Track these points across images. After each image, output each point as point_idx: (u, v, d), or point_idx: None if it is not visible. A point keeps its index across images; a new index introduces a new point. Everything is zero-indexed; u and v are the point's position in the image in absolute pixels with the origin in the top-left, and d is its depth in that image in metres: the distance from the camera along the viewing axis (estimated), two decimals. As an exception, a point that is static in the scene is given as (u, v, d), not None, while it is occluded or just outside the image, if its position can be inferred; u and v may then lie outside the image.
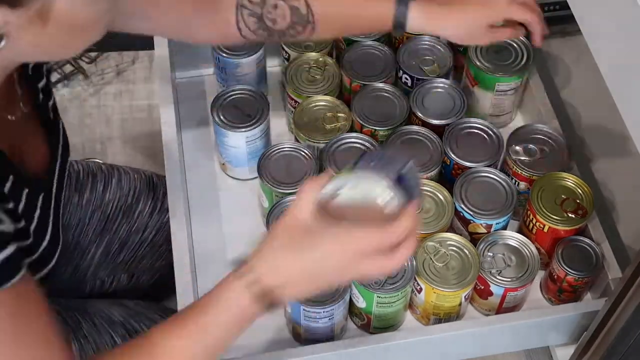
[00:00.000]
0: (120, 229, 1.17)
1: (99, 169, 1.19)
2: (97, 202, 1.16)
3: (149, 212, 1.19)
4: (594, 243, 1.05)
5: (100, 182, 1.17)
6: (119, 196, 1.17)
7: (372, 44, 1.20)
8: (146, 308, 1.12)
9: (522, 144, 1.09)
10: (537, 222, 1.05)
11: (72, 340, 1.03)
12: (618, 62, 0.71)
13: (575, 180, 1.07)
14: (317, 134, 1.13)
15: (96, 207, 1.15)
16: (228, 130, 1.12)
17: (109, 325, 1.06)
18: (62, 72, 1.68)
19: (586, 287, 1.06)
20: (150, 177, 1.22)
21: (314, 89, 1.17)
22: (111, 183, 1.18)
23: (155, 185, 1.21)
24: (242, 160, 1.16)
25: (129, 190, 1.18)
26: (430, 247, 1.02)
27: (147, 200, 1.19)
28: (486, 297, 1.05)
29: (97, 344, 1.04)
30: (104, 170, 1.19)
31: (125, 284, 1.19)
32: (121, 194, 1.18)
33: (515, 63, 1.17)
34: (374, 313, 1.02)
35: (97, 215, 1.15)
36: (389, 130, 1.12)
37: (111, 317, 1.08)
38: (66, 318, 1.05)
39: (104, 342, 1.04)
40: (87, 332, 1.05)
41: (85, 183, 1.16)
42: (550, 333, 1.06)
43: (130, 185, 1.19)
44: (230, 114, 1.13)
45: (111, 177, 1.19)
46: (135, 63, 1.72)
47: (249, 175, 1.19)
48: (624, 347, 0.87)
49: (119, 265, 1.18)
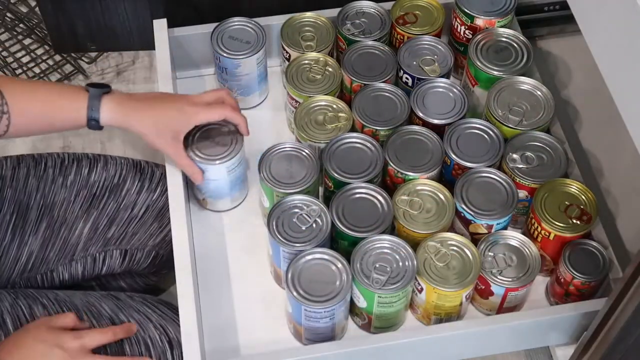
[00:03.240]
0: (108, 206, 1.17)
1: (85, 156, 1.20)
2: (82, 182, 1.16)
3: (137, 190, 1.19)
4: (601, 247, 1.05)
5: (85, 167, 1.18)
6: (104, 177, 1.18)
7: (372, 44, 1.20)
8: (138, 301, 1.12)
9: (519, 152, 1.09)
10: (542, 230, 1.04)
11: None
12: (618, 62, 0.71)
13: (578, 186, 1.06)
14: (318, 133, 1.13)
15: (81, 186, 1.16)
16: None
17: (96, 319, 1.06)
18: (62, 72, 1.68)
19: (593, 291, 1.05)
20: (138, 162, 1.23)
21: (314, 89, 1.17)
22: (97, 167, 1.18)
23: (142, 167, 1.21)
24: (224, 191, 1.15)
25: (115, 172, 1.19)
26: (431, 247, 1.02)
27: (135, 180, 1.19)
28: (487, 297, 1.05)
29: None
30: (90, 157, 1.20)
31: (120, 262, 1.19)
32: (107, 175, 1.18)
33: (515, 63, 1.17)
34: (375, 313, 1.02)
35: (82, 193, 1.16)
36: (390, 130, 1.12)
37: (100, 310, 1.07)
38: (52, 313, 1.05)
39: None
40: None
41: (69, 167, 1.17)
42: (550, 333, 1.06)
43: (117, 168, 1.19)
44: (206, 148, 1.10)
45: (97, 162, 1.19)
46: (135, 63, 1.72)
47: (231, 206, 1.18)
48: (624, 347, 0.87)
49: (110, 240, 1.17)
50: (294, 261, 1.00)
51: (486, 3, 1.21)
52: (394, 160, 1.09)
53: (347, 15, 1.23)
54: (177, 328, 1.07)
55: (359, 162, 1.09)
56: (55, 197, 1.15)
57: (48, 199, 1.14)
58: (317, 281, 0.99)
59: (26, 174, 1.15)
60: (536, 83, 1.14)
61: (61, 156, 1.19)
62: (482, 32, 1.19)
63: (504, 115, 1.12)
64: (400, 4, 1.25)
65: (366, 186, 1.06)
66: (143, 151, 1.60)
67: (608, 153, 1.20)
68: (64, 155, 1.19)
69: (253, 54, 1.19)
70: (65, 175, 1.17)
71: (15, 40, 1.72)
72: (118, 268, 1.19)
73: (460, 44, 1.24)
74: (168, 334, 1.07)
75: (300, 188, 1.06)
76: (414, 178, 1.08)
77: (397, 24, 1.23)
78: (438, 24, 1.23)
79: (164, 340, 1.06)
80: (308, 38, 1.23)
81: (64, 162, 1.18)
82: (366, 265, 1.00)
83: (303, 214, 1.04)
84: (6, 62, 1.69)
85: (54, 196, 1.15)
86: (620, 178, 1.17)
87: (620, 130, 0.75)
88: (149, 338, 1.06)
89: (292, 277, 0.99)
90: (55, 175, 1.16)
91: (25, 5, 1.75)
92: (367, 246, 1.01)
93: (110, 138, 1.62)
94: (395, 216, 1.05)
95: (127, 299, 1.12)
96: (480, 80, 1.18)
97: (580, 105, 1.27)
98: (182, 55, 1.27)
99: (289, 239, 1.02)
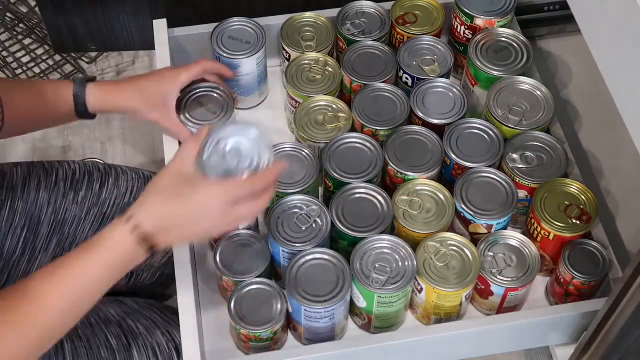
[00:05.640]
0: None
1: (96, 168, 1.19)
2: (93, 199, 1.16)
3: None
4: (601, 247, 1.05)
5: (96, 182, 1.17)
6: (115, 195, 1.18)
7: (372, 44, 1.20)
8: (145, 307, 1.12)
9: (519, 152, 1.09)
10: (542, 230, 1.05)
11: (65, 341, 1.03)
12: (618, 62, 0.71)
13: (577, 186, 1.06)
14: (318, 134, 1.13)
15: (92, 204, 1.16)
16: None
17: (104, 324, 1.06)
18: (62, 72, 1.68)
19: (593, 291, 1.05)
20: (148, 177, 1.22)
21: (314, 89, 1.17)
22: (108, 182, 1.18)
23: None
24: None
25: (127, 190, 1.19)
26: (431, 247, 1.02)
27: None
28: (487, 297, 1.05)
29: (91, 344, 1.04)
30: (101, 170, 1.19)
31: (125, 283, 1.19)
32: (118, 193, 1.18)
33: (515, 63, 1.17)
34: (375, 313, 1.02)
35: (93, 212, 1.15)
36: (390, 130, 1.12)
37: (108, 316, 1.07)
38: None
39: (98, 343, 1.04)
40: (82, 332, 1.05)
41: (81, 182, 1.17)
42: (550, 333, 1.06)
43: (128, 184, 1.19)
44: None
45: (108, 176, 1.19)
46: (135, 63, 1.72)
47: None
48: (624, 347, 0.87)
49: None
50: (294, 261, 1.00)
51: (486, 3, 1.21)
52: (393, 161, 1.09)
53: (347, 16, 1.23)
54: None
55: (358, 162, 1.09)
56: (66, 213, 1.14)
57: (59, 215, 1.13)
58: (317, 281, 0.99)
59: (37, 186, 1.13)
60: (536, 83, 1.14)
61: (72, 167, 1.18)
62: (482, 32, 1.19)
63: (504, 115, 1.12)
64: (400, 4, 1.25)
65: (366, 186, 1.06)
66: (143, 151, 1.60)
67: (608, 153, 1.20)
68: (75, 166, 1.18)
69: (253, 54, 1.19)
70: (77, 190, 1.16)
71: (15, 40, 1.72)
72: (123, 287, 1.19)
73: (460, 44, 1.24)
74: (175, 340, 1.07)
75: (300, 188, 1.06)
76: (414, 178, 1.08)
77: (397, 24, 1.23)
78: (438, 24, 1.23)
79: (171, 347, 1.06)
80: (308, 38, 1.23)
81: (75, 174, 1.17)
82: (366, 266, 1.00)
83: (303, 214, 1.04)
84: (6, 62, 1.69)
85: (65, 212, 1.14)
86: (620, 178, 1.17)
87: (620, 131, 0.75)
88: (156, 344, 1.05)
89: (292, 278, 0.99)
90: (66, 189, 1.15)
91: (25, 5, 1.75)
92: (367, 246, 1.01)
93: (110, 138, 1.63)
94: (395, 216, 1.05)
95: (134, 305, 1.12)
96: (480, 80, 1.18)
97: (580, 105, 1.27)
98: (182, 56, 1.26)
99: (289, 239, 1.02)
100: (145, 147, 1.62)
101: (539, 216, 1.04)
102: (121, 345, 1.04)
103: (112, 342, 1.05)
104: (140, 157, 1.61)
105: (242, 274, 1.02)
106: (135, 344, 1.05)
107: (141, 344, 1.05)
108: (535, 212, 1.04)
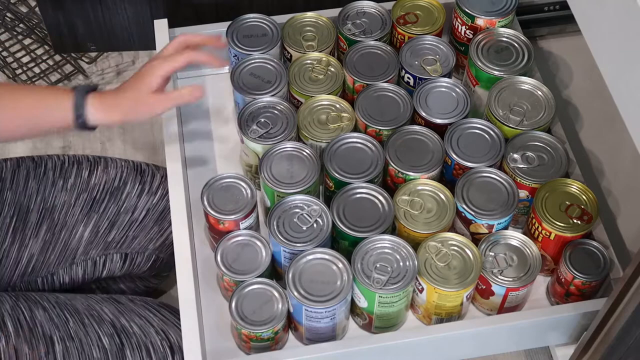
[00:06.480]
0: (108, 210, 1.18)
1: (85, 158, 1.20)
2: (82, 185, 1.16)
3: (137, 193, 1.19)
4: (602, 246, 1.05)
5: (85, 169, 1.18)
6: (105, 179, 1.18)
7: (374, 44, 1.20)
8: (140, 305, 1.12)
9: (520, 152, 1.09)
10: (543, 229, 1.05)
11: (57, 342, 1.03)
12: (618, 62, 0.71)
13: (578, 186, 1.06)
14: (321, 133, 1.13)
15: (82, 190, 1.16)
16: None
17: (97, 324, 1.06)
18: (62, 72, 1.68)
19: (593, 291, 1.05)
20: (138, 166, 1.23)
21: (317, 89, 1.17)
22: (97, 169, 1.18)
23: (143, 170, 1.22)
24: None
25: (116, 175, 1.19)
26: (432, 247, 1.02)
27: (135, 183, 1.19)
28: (488, 296, 1.05)
29: (83, 344, 1.04)
30: (90, 159, 1.20)
31: (120, 266, 1.19)
32: (107, 178, 1.18)
33: (516, 63, 1.17)
34: (376, 313, 1.02)
35: (83, 196, 1.16)
36: (393, 130, 1.12)
37: (101, 315, 1.07)
38: (53, 316, 1.05)
39: (90, 343, 1.04)
40: (74, 332, 1.05)
41: (69, 170, 1.17)
42: (550, 333, 1.06)
43: (117, 170, 1.19)
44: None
45: (97, 164, 1.19)
46: (136, 63, 1.72)
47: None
48: (624, 347, 0.87)
49: (110, 244, 1.17)
50: (294, 261, 1.00)
51: (487, 3, 1.21)
52: (394, 160, 1.09)
53: (348, 15, 1.23)
54: (179, 333, 1.07)
55: (359, 162, 1.09)
56: (55, 200, 1.15)
57: (48, 202, 1.14)
58: (318, 281, 0.99)
59: (26, 176, 1.15)
60: (537, 83, 1.15)
61: (61, 158, 1.19)
62: (483, 32, 1.19)
63: (505, 115, 1.12)
64: (401, 4, 1.25)
65: (367, 186, 1.06)
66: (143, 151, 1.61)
67: (609, 153, 1.20)
68: (64, 157, 1.19)
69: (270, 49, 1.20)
70: (66, 178, 1.17)
71: (15, 40, 1.72)
72: (118, 272, 1.19)
73: (460, 44, 1.25)
74: (169, 339, 1.07)
75: (301, 188, 1.06)
76: (415, 178, 1.08)
77: (397, 24, 1.23)
78: (439, 24, 1.23)
79: (165, 346, 1.06)
80: (309, 38, 1.23)
81: (64, 164, 1.18)
82: (367, 265, 1.00)
83: (304, 214, 1.04)
84: (6, 62, 1.69)
85: (54, 199, 1.15)
86: (621, 178, 1.17)
87: (620, 130, 0.75)
88: (150, 343, 1.05)
89: (292, 277, 0.99)
90: (55, 177, 1.16)
91: (25, 5, 1.75)
92: (368, 246, 1.01)
93: (110, 138, 1.63)
94: (396, 216, 1.05)
95: (129, 303, 1.12)
96: (481, 80, 1.18)
97: (581, 105, 1.27)
98: (183, 55, 1.26)
99: (290, 239, 1.02)
100: (145, 147, 1.62)
101: (539, 216, 1.04)
102: (114, 344, 1.05)
103: (105, 341, 1.05)
104: (141, 158, 1.61)
105: (243, 273, 1.02)
106: (128, 344, 1.05)
107: (134, 344, 1.05)
108: (536, 212, 1.04)
